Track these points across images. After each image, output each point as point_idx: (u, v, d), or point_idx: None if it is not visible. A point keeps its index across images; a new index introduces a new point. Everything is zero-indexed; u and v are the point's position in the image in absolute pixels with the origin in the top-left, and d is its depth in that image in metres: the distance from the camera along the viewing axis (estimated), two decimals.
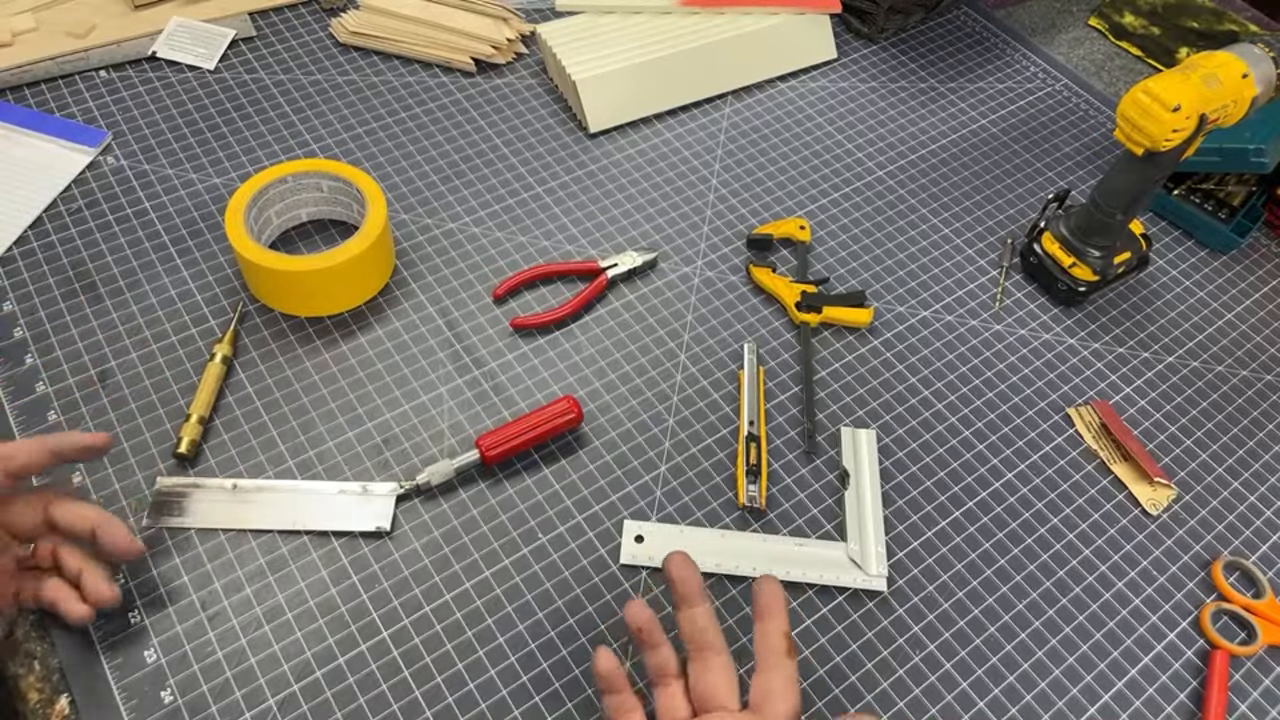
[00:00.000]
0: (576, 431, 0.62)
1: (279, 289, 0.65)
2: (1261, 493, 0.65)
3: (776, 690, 0.44)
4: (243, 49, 0.84)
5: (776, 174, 0.80)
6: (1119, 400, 0.69)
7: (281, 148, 0.77)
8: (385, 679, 0.51)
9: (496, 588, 0.55)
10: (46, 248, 0.68)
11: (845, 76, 0.90)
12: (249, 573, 0.54)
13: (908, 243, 0.77)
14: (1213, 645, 0.57)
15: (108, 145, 0.75)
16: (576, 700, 0.52)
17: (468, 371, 0.65)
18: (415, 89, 0.83)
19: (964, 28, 0.97)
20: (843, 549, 0.59)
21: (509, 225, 0.74)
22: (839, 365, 0.68)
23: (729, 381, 0.66)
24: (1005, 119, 0.88)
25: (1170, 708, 0.55)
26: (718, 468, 0.62)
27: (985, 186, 0.82)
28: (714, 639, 0.46)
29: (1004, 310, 0.73)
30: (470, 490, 0.59)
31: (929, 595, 0.58)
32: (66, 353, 0.62)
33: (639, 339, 0.68)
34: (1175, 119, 0.61)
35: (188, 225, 0.71)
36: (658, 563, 0.57)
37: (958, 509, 0.62)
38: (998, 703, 0.54)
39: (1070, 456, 0.65)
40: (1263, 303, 0.76)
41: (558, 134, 0.81)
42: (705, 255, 0.74)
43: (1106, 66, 0.96)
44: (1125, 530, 0.62)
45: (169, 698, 0.49)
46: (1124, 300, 0.75)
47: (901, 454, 0.64)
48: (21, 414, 0.59)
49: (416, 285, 0.69)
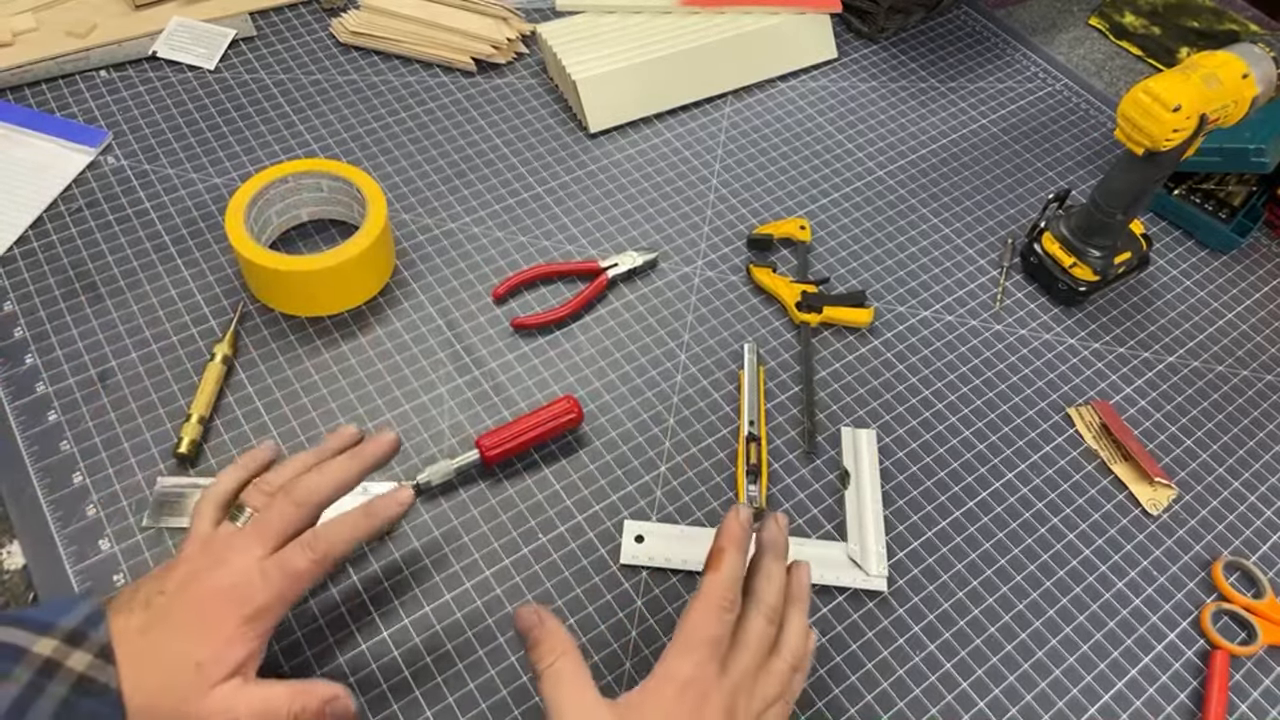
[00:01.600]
0: (576, 431, 0.62)
1: (279, 289, 0.65)
2: (1261, 493, 0.65)
3: (795, 628, 0.47)
4: (243, 49, 0.84)
5: (776, 174, 0.80)
6: (1119, 400, 0.69)
7: (281, 148, 0.77)
8: (385, 679, 0.51)
9: (496, 588, 0.55)
10: (46, 248, 0.68)
11: (845, 76, 0.90)
12: None
13: (908, 243, 0.77)
14: (1213, 645, 0.57)
15: (108, 145, 0.75)
16: None
17: (468, 371, 0.65)
18: (415, 89, 0.83)
19: (964, 28, 0.97)
20: (843, 549, 0.59)
21: (509, 225, 0.74)
22: (839, 365, 0.68)
23: (729, 381, 0.66)
24: (1005, 119, 0.88)
25: (1170, 708, 0.55)
26: (718, 468, 0.62)
27: (985, 186, 0.82)
28: (785, 548, 0.49)
29: (1004, 310, 0.73)
30: (470, 490, 0.59)
31: (929, 595, 0.58)
32: (66, 353, 0.62)
33: (639, 339, 0.68)
34: (1175, 119, 0.61)
35: (188, 225, 0.71)
36: (658, 563, 0.57)
37: (958, 509, 0.62)
38: (998, 703, 0.54)
39: (1070, 456, 0.65)
40: (1263, 303, 0.76)
41: (558, 134, 0.81)
42: (705, 255, 0.74)
43: (1107, 66, 0.96)
44: (1125, 530, 0.62)
45: None
46: (1124, 300, 0.75)
47: (901, 454, 0.64)
48: (21, 414, 0.59)
49: (416, 285, 0.69)
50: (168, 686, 0.41)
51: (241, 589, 0.44)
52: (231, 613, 0.43)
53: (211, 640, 0.42)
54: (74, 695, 0.39)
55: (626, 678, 0.53)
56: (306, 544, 0.45)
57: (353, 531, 0.46)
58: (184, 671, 0.42)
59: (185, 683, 0.41)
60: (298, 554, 0.45)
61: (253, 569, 0.44)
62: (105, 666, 0.40)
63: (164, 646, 0.42)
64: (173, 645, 0.42)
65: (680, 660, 0.43)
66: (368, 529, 0.47)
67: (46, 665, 0.39)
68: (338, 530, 0.46)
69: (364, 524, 0.47)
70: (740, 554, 0.47)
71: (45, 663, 0.39)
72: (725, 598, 0.45)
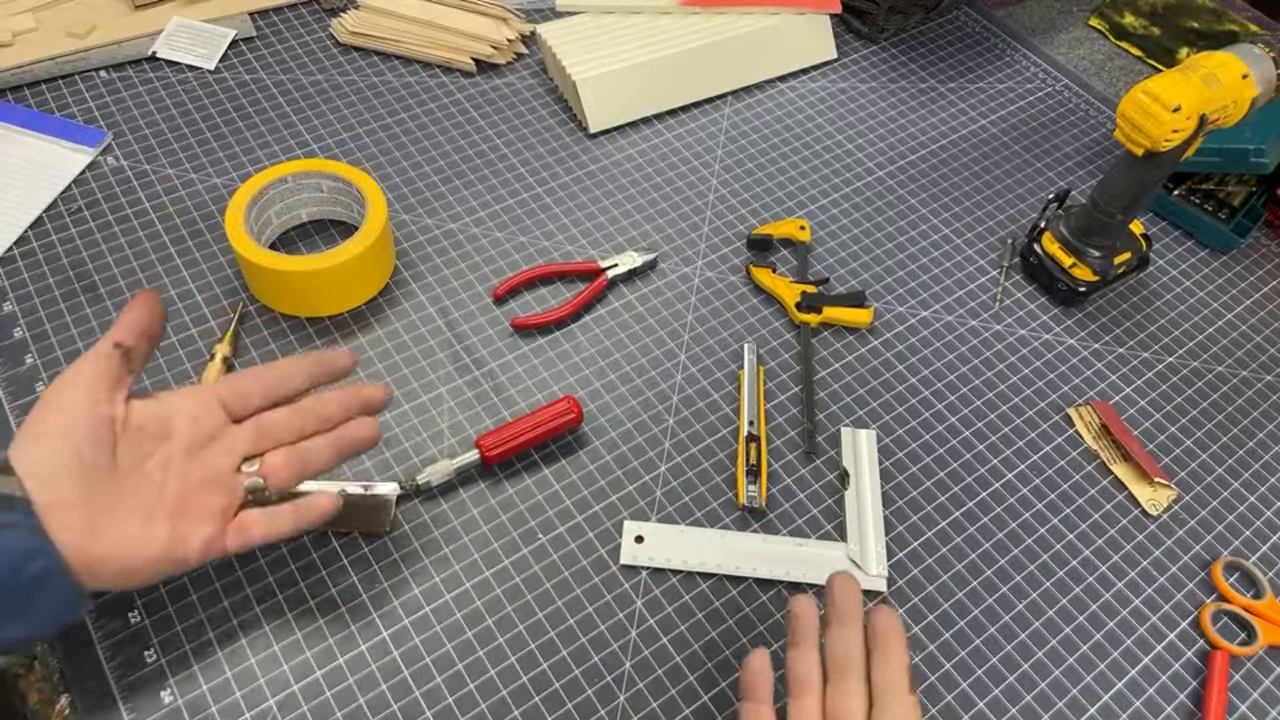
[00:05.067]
0: (576, 431, 0.62)
1: (279, 289, 0.65)
2: (1261, 493, 0.65)
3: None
4: (243, 49, 0.84)
5: (776, 174, 0.80)
6: (1119, 400, 0.69)
7: (281, 148, 0.77)
8: (385, 679, 0.51)
9: (496, 588, 0.55)
10: (46, 248, 0.68)
11: (845, 76, 0.90)
12: (248, 573, 0.54)
13: (908, 243, 0.77)
14: (1213, 645, 0.57)
15: (108, 145, 0.75)
16: (576, 700, 0.52)
17: (468, 371, 0.65)
18: (415, 89, 0.83)
19: (964, 28, 0.97)
20: (843, 549, 0.59)
21: (509, 225, 0.74)
22: (839, 365, 0.68)
23: (729, 381, 0.66)
24: (1005, 119, 0.88)
25: (1170, 708, 0.55)
26: (718, 468, 0.62)
27: (985, 186, 0.82)
28: (859, 665, 0.44)
29: (1004, 310, 0.73)
30: (470, 490, 0.59)
31: (929, 595, 0.58)
32: (66, 353, 0.62)
33: (639, 339, 0.68)
34: (1175, 119, 0.61)
35: (188, 225, 0.71)
36: (658, 563, 0.57)
37: (958, 509, 0.62)
38: (997, 703, 0.54)
39: (1070, 457, 0.65)
40: (1263, 303, 0.76)
41: (558, 134, 0.81)
42: (705, 255, 0.74)
43: (1106, 66, 0.96)
44: (1125, 530, 0.62)
45: (169, 698, 0.49)
46: (1124, 300, 0.75)
47: (901, 454, 0.64)
48: (21, 414, 0.59)
49: (416, 285, 0.69)
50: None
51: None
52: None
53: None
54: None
55: (626, 678, 0.53)
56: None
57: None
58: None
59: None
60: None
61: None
62: (6, 479, 0.41)
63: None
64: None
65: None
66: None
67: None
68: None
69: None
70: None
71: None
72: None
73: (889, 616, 0.46)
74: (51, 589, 0.41)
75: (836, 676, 0.44)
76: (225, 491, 0.47)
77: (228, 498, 0.47)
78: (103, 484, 0.43)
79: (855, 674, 0.44)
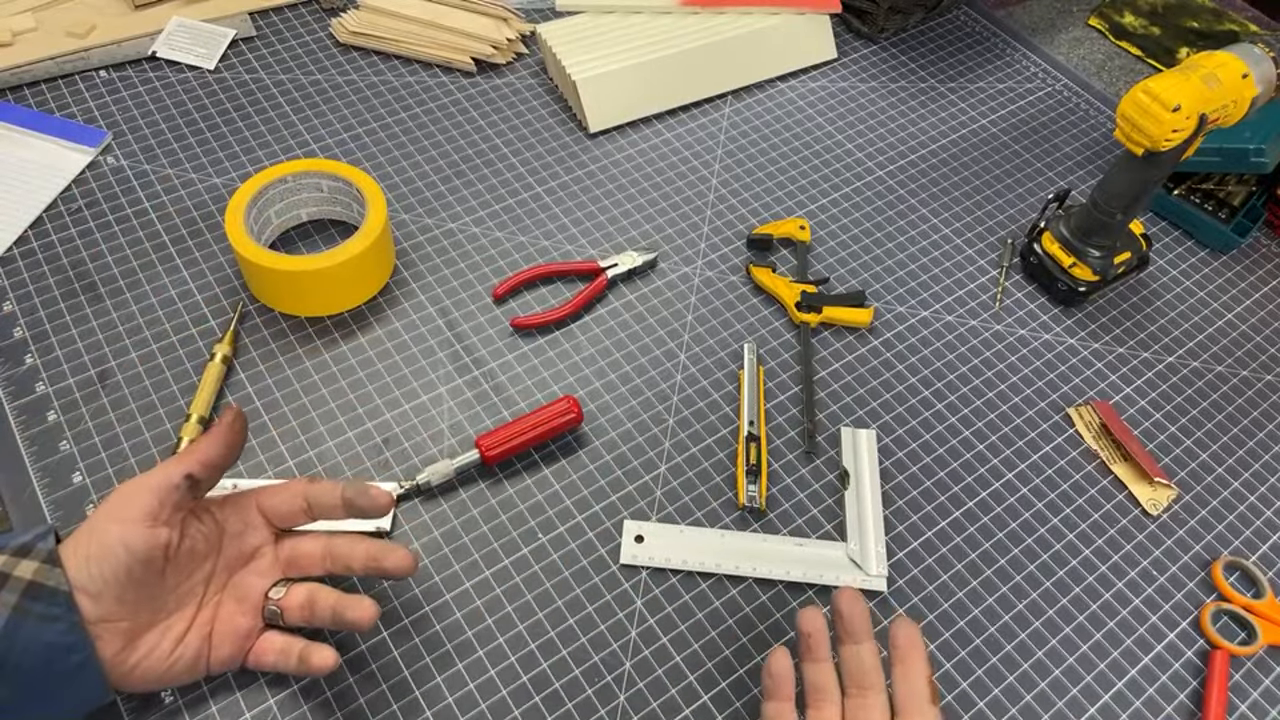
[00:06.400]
0: (576, 431, 0.62)
1: (279, 289, 0.65)
2: (1261, 493, 0.65)
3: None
4: (243, 49, 0.84)
5: (776, 174, 0.80)
6: (1119, 400, 0.69)
7: (281, 148, 0.77)
8: (385, 679, 0.51)
9: (496, 588, 0.55)
10: (46, 248, 0.68)
11: (845, 76, 0.90)
12: None
13: (908, 243, 0.77)
14: (1213, 645, 0.57)
15: (108, 145, 0.75)
16: (576, 700, 0.52)
17: (468, 371, 0.65)
18: (415, 89, 0.83)
19: (964, 28, 0.97)
20: (843, 549, 0.59)
21: (509, 225, 0.74)
22: (839, 365, 0.68)
23: (729, 381, 0.66)
24: (1005, 119, 0.88)
25: (1170, 708, 0.55)
26: (718, 468, 0.62)
27: (985, 186, 0.82)
28: (876, 680, 0.45)
29: (1004, 310, 0.73)
30: (470, 490, 0.59)
31: (929, 595, 0.58)
32: (66, 353, 0.62)
33: (639, 339, 0.68)
34: (1175, 119, 0.61)
35: (188, 225, 0.71)
36: (658, 562, 0.57)
37: (958, 509, 0.62)
38: (997, 703, 0.54)
39: (1070, 456, 0.65)
40: (1263, 303, 0.76)
41: (558, 134, 0.81)
42: (705, 255, 0.74)
43: (1106, 66, 0.96)
44: (1125, 530, 0.62)
45: (169, 697, 0.49)
46: (1124, 300, 0.75)
47: (901, 454, 0.64)
48: (21, 414, 0.59)
49: (416, 285, 0.69)
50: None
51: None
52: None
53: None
54: (25, 601, 0.41)
55: (626, 678, 0.53)
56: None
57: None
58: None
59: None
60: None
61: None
62: (53, 570, 0.42)
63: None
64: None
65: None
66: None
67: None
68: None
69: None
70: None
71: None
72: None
73: (910, 629, 0.46)
74: (85, 682, 0.43)
75: (855, 691, 0.45)
76: (252, 613, 0.49)
77: (253, 620, 0.49)
78: (148, 604, 0.46)
79: (874, 688, 0.45)
